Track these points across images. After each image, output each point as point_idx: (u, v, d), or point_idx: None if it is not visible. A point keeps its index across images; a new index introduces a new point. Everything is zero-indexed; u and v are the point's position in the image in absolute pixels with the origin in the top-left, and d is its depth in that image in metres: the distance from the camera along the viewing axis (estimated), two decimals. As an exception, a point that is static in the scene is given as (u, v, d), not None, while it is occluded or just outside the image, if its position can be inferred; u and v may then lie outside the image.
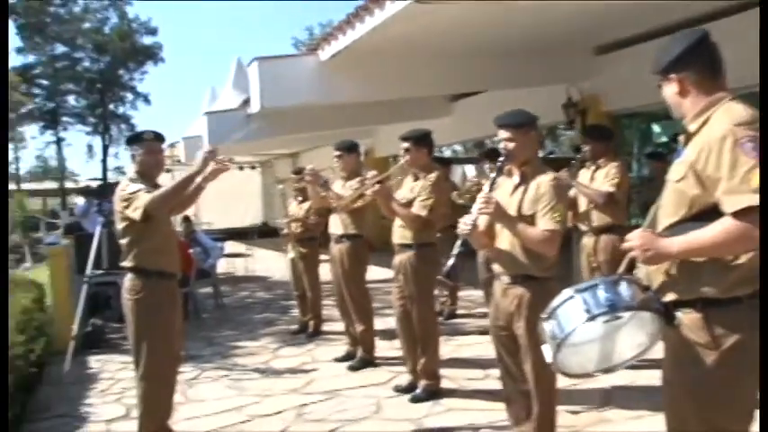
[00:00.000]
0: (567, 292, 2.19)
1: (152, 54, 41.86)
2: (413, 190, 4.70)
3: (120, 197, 3.55)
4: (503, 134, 3.23)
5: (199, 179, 3.56)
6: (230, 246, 12.94)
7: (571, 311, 2.15)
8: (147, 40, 41.87)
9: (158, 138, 3.75)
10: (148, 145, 3.71)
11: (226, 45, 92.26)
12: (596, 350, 2.25)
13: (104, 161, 41.15)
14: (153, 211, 3.43)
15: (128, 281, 3.61)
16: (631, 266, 2.29)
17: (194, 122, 16.80)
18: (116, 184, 7.14)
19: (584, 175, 5.29)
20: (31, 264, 19.73)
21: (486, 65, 8.01)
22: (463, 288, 7.53)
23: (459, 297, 7.53)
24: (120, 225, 3.62)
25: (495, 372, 5.10)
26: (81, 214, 9.11)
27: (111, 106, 41.94)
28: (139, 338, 3.57)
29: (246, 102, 11.02)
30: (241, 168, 21.87)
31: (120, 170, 42.78)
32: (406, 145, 4.69)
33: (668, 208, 2.14)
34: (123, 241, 3.63)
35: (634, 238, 2.10)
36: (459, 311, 7.40)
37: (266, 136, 11.20)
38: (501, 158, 3.23)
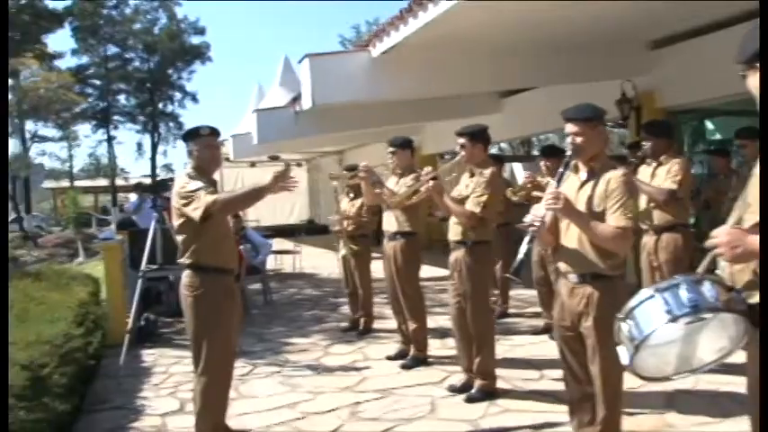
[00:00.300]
0: (646, 292, 2.09)
1: (200, 53, 42.54)
2: (468, 187, 4.64)
3: (178, 194, 3.53)
4: (570, 128, 3.13)
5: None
6: (278, 243, 13.01)
7: (651, 312, 2.05)
8: (195, 40, 42.59)
9: (214, 133, 3.74)
10: (205, 140, 3.69)
11: (272, 44, 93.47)
12: (675, 353, 2.15)
13: (153, 159, 42.02)
14: (214, 213, 3.41)
15: (186, 277, 3.60)
16: (711, 266, 2.17)
17: (242, 120, 17.02)
18: (170, 180, 7.28)
19: (644, 172, 5.13)
20: (84, 258, 20.19)
21: (539, 60, 7.87)
22: (514, 287, 7.40)
23: (511, 296, 7.41)
24: (177, 221, 3.61)
25: (551, 372, 5.05)
26: (133, 210, 9.25)
27: (160, 105, 42.78)
28: (199, 335, 3.55)
29: (296, 99, 11.08)
30: (287, 166, 22.01)
31: (168, 167, 43.68)
32: (462, 140, 4.62)
33: (756, 205, 2.02)
34: (180, 237, 3.63)
35: (721, 235, 1.97)
36: (511, 311, 7.28)
37: (315, 133, 11.23)
38: (568, 153, 3.14)
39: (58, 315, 4.96)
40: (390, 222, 5.36)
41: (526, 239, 3.07)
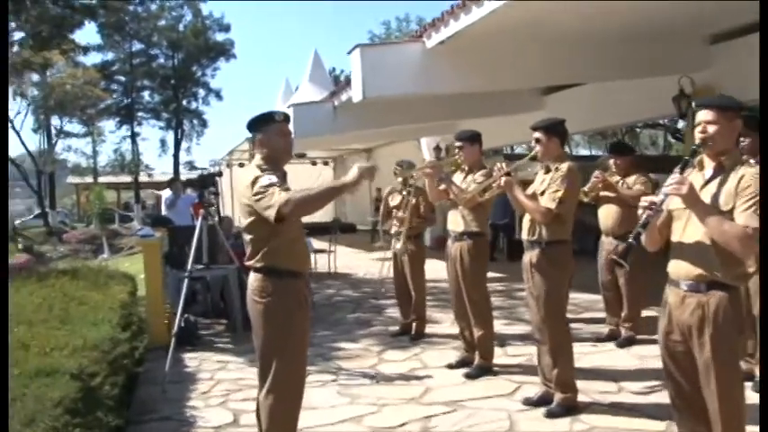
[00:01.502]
0: None
1: (224, 50, 42.47)
2: (543, 183, 4.30)
3: (249, 188, 3.12)
4: (703, 115, 2.75)
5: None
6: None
7: None
8: (219, 37, 42.52)
9: (287, 119, 3.37)
10: (279, 126, 3.30)
11: (298, 40, 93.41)
12: None
13: (176, 155, 42.01)
14: (288, 214, 3.00)
15: (256, 281, 3.21)
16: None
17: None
18: (218, 174, 6.98)
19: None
20: (108, 255, 20.05)
21: (595, 54, 7.50)
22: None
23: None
24: (246, 219, 3.21)
25: (630, 385, 4.68)
26: (169, 205, 8.95)
27: (184, 102, 42.81)
28: (270, 346, 3.18)
29: (334, 93, 10.78)
30: (314, 164, 21.76)
31: (191, 164, 43.63)
32: (537, 135, 4.30)
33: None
34: (249, 237, 3.23)
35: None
36: (568, 315, 6.87)
37: (353, 129, 10.90)
38: (697, 143, 2.76)
39: (101, 317, 4.65)
40: (456, 222, 5.00)
41: (639, 224, 2.76)
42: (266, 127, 3.29)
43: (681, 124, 24.62)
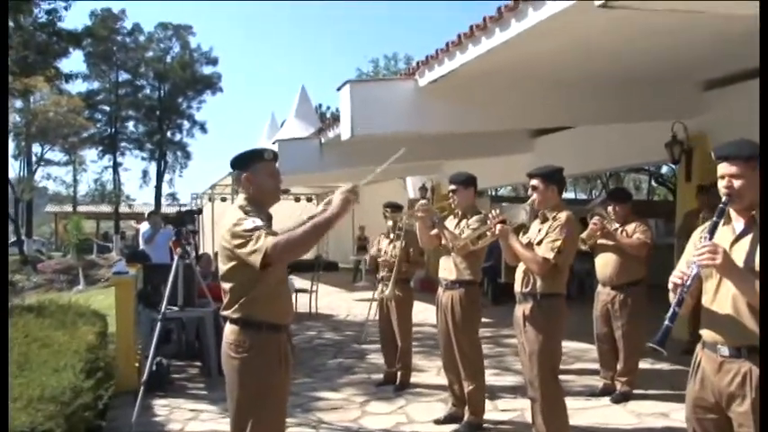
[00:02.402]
0: None
1: (211, 83, 42.48)
2: (540, 231, 4.08)
3: (232, 232, 2.83)
4: (726, 169, 2.53)
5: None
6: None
7: None
8: (206, 70, 42.54)
9: (276, 158, 3.11)
10: (268, 166, 3.04)
11: (284, 76, 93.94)
12: None
13: (159, 187, 41.59)
14: (275, 260, 2.73)
15: (231, 334, 2.91)
16: None
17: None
18: (198, 211, 6.68)
19: None
20: (83, 286, 19.55)
21: (587, 98, 7.38)
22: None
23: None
24: (225, 264, 2.91)
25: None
26: (146, 239, 8.60)
27: (169, 133, 42.57)
28: (246, 407, 2.87)
29: (321, 131, 10.57)
30: (297, 200, 21.49)
31: (173, 196, 43.20)
32: (535, 182, 4.13)
33: None
34: (228, 285, 2.92)
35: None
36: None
37: (339, 167, 10.65)
38: (723, 200, 2.54)
39: (64, 362, 4.29)
40: (448, 269, 4.73)
41: (675, 302, 2.48)
42: (254, 165, 3.02)
43: (665, 169, 24.90)
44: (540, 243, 4.03)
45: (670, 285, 2.56)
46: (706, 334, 2.59)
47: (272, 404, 2.89)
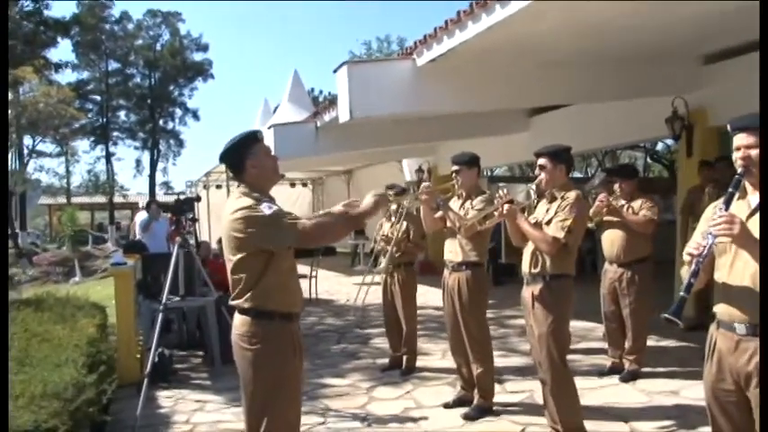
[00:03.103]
0: None
1: (202, 70, 42.10)
2: (548, 212, 3.99)
3: (245, 219, 2.73)
4: (743, 140, 2.45)
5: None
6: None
7: None
8: (197, 57, 42.16)
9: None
10: (264, 146, 2.96)
11: (276, 61, 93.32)
12: None
13: (152, 176, 41.39)
14: (303, 242, 2.70)
15: (243, 326, 2.82)
16: None
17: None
18: (197, 199, 6.55)
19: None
20: (80, 278, 19.42)
21: (588, 75, 7.26)
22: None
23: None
24: (235, 255, 2.80)
25: (640, 425, 4.34)
26: (143, 228, 8.48)
27: (161, 122, 42.26)
28: (260, 400, 2.79)
29: (316, 114, 10.45)
30: (293, 185, 21.36)
31: (167, 185, 42.98)
32: (542, 161, 4.06)
33: None
34: (238, 276, 2.82)
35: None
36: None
37: (335, 150, 10.56)
38: (739, 172, 2.46)
39: (65, 357, 4.21)
40: (454, 251, 4.65)
41: (690, 274, 2.40)
42: (254, 147, 2.92)
43: (660, 146, 24.81)
44: (548, 223, 3.95)
45: (686, 257, 2.49)
46: (721, 311, 2.52)
47: (288, 394, 2.82)
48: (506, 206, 4.00)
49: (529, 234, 3.97)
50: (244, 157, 2.90)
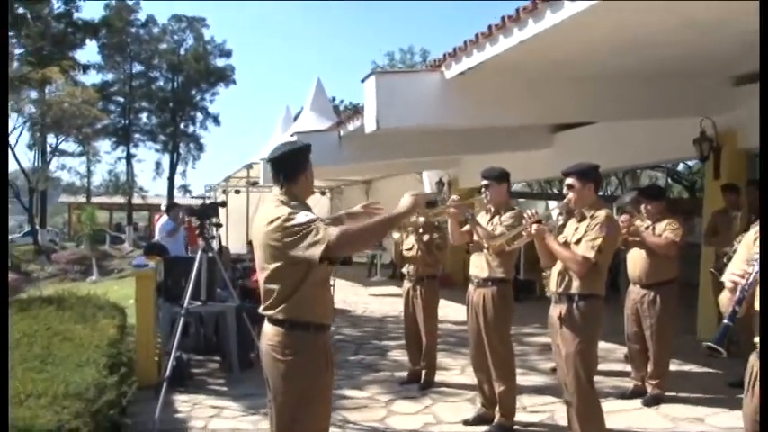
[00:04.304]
0: None
1: (224, 76, 42.37)
2: (578, 230, 3.93)
3: (282, 228, 2.68)
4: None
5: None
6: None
7: None
8: (220, 62, 42.43)
9: None
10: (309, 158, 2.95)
11: (298, 69, 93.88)
12: None
13: (171, 179, 41.60)
14: (336, 251, 2.61)
15: (277, 336, 2.77)
16: None
17: (269, 143, 16.40)
18: (221, 203, 6.57)
19: None
20: (97, 276, 19.55)
21: (616, 92, 7.16)
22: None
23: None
24: (270, 264, 2.75)
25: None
26: (168, 233, 8.48)
27: (182, 125, 42.51)
28: (290, 412, 2.75)
29: (340, 123, 10.45)
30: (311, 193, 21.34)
31: (185, 188, 43.20)
32: (570, 181, 4.00)
33: None
34: (272, 285, 2.77)
35: None
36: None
37: (357, 160, 10.55)
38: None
39: (87, 357, 4.21)
40: (480, 266, 4.60)
41: (733, 302, 2.34)
42: (309, 159, 2.93)
43: (681, 167, 24.59)
44: (577, 242, 3.89)
45: (728, 284, 2.43)
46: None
47: (318, 407, 2.79)
48: (535, 226, 3.95)
49: (558, 254, 3.90)
50: (302, 167, 2.89)
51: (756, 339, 2.48)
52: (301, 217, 2.66)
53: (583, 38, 5.32)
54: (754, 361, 2.51)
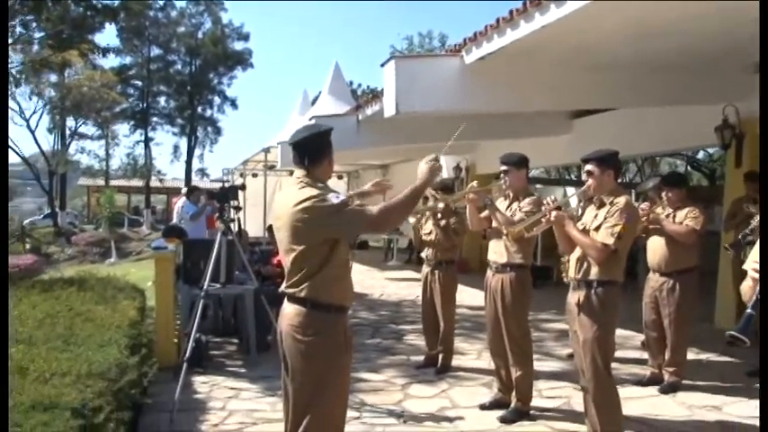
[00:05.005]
0: None
1: (242, 59, 42.33)
2: (597, 217, 3.91)
3: (313, 209, 2.72)
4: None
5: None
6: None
7: None
8: (238, 46, 42.38)
9: None
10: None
11: (316, 53, 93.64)
12: None
13: (189, 162, 41.76)
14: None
15: (298, 316, 2.80)
16: None
17: (287, 127, 16.42)
18: (242, 187, 6.59)
19: None
20: (116, 259, 19.77)
21: (637, 79, 7.07)
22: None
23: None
24: (298, 244, 2.78)
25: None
26: (192, 216, 8.51)
27: (200, 109, 42.60)
28: (310, 390, 2.78)
29: (358, 108, 10.44)
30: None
31: (203, 172, 43.39)
32: (589, 167, 3.96)
33: None
34: (298, 266, 2.81)
35: None
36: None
37: (375, 144, 10.55)
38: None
39: (108, 337, 4.27)
40: (499, 252, 4.60)
41: (758, 291, 2.32)
42: (331, 142, 2.97)
43: (700, 154, 24.31)
44: (597, 229, 3.87)
45: (751, 272, 2.40)
46: None
47: (336, 388, 2.82)
48: (554, 213, 3.94)
49: (578, 241, 3.89)
50: (325, 150, 2.92)
51: None
52: (333, 198, 2.73)
53: (604, 23, 5.26)
54: None
